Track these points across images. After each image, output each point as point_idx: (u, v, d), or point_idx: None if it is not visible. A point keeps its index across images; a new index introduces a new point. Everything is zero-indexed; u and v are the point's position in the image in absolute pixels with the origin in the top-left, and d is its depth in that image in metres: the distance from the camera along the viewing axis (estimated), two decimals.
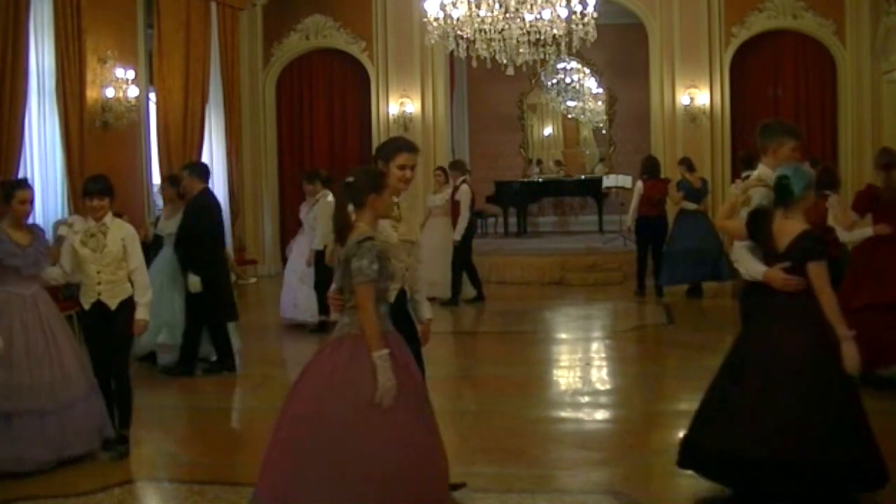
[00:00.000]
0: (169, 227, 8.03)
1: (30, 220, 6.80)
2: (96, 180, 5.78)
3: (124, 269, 5.68)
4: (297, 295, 9.66)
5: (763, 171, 4.82)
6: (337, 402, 3.71)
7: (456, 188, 11.30)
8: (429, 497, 3.85)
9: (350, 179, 4.02)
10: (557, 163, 18.76)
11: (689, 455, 4.72)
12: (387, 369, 3.70)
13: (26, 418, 5.26)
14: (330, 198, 9.44)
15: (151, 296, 5.84)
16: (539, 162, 18.89)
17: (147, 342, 7.63)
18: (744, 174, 9.42)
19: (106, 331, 5.68)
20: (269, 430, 3.96)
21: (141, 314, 5.72)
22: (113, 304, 5.65)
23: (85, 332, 5.87)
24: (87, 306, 5.70)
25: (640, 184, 11.42)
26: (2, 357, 5.08)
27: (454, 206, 11.27)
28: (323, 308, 9.51)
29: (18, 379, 5.25)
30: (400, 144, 4.55)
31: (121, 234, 5.72)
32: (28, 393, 5.27)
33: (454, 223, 11.22)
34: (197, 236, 7.64)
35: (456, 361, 8.84)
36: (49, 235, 9.42)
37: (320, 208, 9.26)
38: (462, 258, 11.17)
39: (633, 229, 11.55)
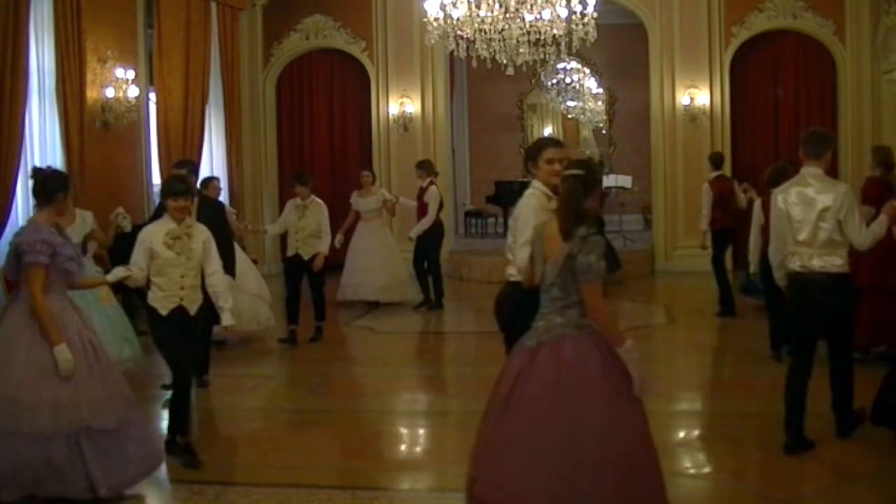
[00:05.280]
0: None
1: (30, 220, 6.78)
2: (181, 180, 5.55)
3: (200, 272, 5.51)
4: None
5: (819, 172, 5.39)
6: (568, 400, 3.64)
7: (424, 189, 10.89)
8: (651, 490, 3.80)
9: (580, 172, 3.88)
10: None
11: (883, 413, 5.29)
12: (637, 361, 3.75)
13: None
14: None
15: (229, 298, 5.63)
16: None
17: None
18: (717, 173, 9.73)
19: (181, 336, 5.48)
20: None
21: (228, 320, 5.57)
22: (193, 309, 5.47)
23: (162, 336, 5.48)
24: (165, 312, 5.39)
25: (706, 185, 9.96)
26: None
27: (422, 208, 10.86)
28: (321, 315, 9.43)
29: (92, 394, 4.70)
30: (546, 142, 5.02)
31: (202, 237, 5.51)
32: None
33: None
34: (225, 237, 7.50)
35: (456, 361, 8.85)
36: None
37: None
38: (428, 259, 10.81)
39: (711, 240, 9.91)
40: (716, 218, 9.71)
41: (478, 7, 9.05)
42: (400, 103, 13.96)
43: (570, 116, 19.12)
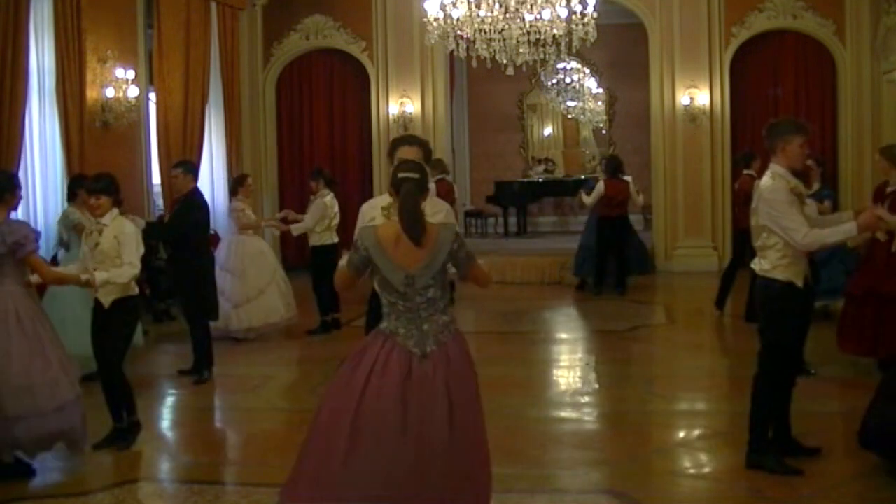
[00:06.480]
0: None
1: (31, 220, 6.85)
2: (97, 178, 5.80)
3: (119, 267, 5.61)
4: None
5: (776, 169, 4.95)
6: (474, 399, 3.87)
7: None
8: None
9: (415, 175, 3.78)
10: (543, 160, 18.67)
11: (871, 435, 4.93)
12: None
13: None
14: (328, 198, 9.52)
15: (117, 281, 5.58)
16: (543, 161, 18.78)
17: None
18: (745, 172, 9.50)
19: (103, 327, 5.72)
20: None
21: (95, 279, 5.47)
22: (106, 301, 5.60)
23: (91, 325, 5.81)
24: (92, 304, 5.73)
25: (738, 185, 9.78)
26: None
27: None
28: (327, 307, 9.55)
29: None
30: (401, 141, 4.95)
31: (115, 231, 5.63)
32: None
33: None
34: (185, 232, 7.69)
35: None
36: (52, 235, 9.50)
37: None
38: None
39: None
40: (736, 217, 9.74)
41: (478, 7, 9.05)
42: (400, 103, 13.96)
43: (570, 116, 19.12)
